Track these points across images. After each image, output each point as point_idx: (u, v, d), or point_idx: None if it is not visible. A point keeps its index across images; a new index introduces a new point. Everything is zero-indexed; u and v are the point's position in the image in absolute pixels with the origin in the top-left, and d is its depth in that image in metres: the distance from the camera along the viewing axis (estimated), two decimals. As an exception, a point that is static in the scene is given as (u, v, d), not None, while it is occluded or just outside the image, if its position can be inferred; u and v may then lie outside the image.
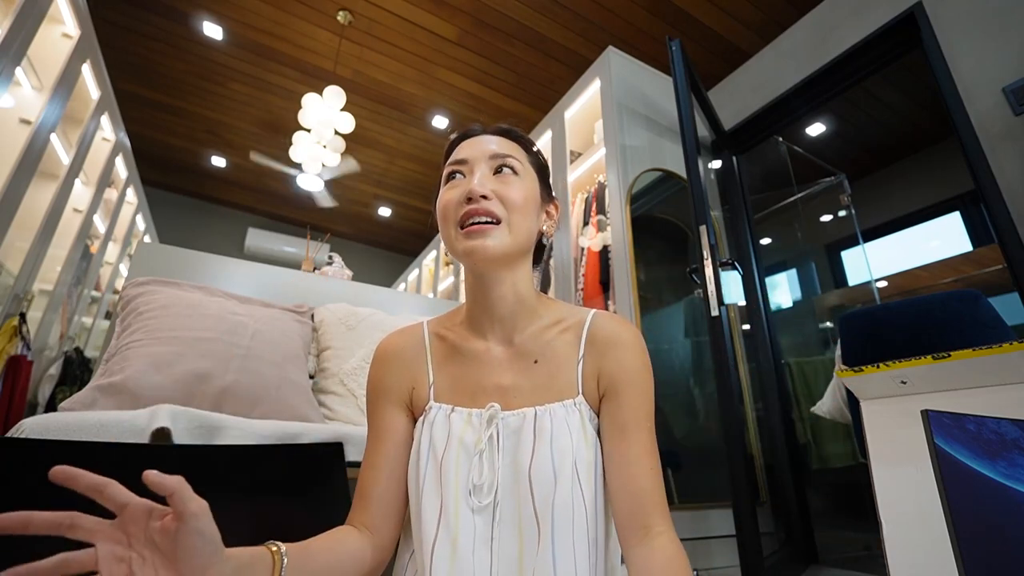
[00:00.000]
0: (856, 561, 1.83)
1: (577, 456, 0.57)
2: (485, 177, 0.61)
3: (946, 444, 0.48)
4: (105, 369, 1.02)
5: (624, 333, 0.64)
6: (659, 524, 0.53)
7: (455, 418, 0.61)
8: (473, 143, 0.65)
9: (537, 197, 0.66)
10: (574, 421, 0.59)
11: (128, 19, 3.07)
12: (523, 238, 0.62)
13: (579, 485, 0.55)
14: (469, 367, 0.64)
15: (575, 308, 0.69)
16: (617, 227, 2.01)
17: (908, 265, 2.92)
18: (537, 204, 0.66)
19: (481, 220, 0.58)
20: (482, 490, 0.56)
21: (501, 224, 0.59)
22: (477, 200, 0.59)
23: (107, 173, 3.10)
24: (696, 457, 2.08)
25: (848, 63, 2.22)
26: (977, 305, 1.19)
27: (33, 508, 0.43)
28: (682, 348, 2.23)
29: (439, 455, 0.58)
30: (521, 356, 0.64)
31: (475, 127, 0.69)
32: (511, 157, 0.64)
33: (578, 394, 0.62)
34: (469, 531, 0.54)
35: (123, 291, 1.20)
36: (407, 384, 0.65)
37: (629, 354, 0.62)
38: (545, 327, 0.65)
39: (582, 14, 2.92)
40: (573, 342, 0.64)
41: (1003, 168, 1.62)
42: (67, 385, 2.77)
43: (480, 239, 0.58)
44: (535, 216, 0.65)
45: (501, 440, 0.59)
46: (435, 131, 4.09)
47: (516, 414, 0.60)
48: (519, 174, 0.64)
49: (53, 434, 0.73)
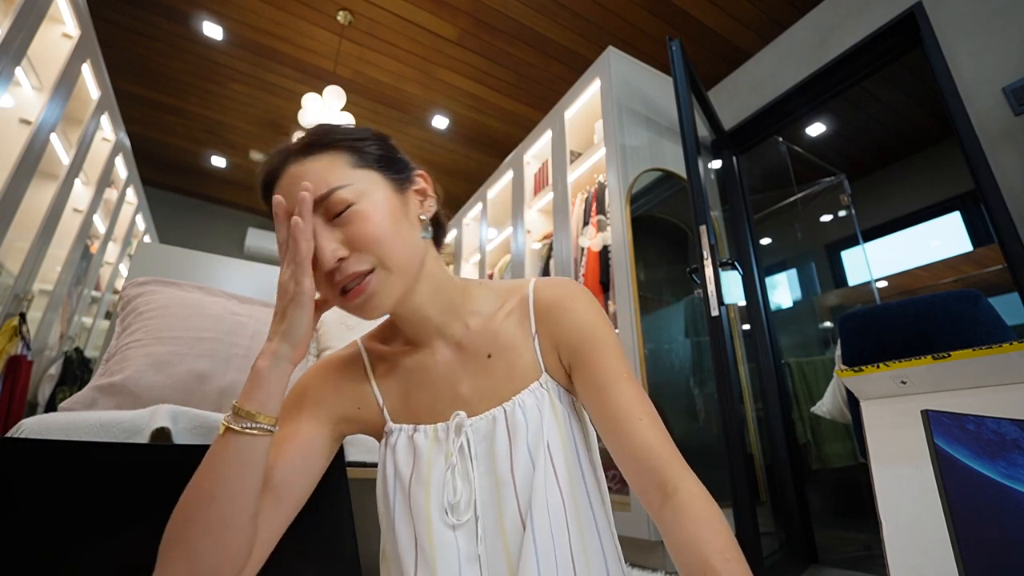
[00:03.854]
0: (856, 561, 1.83)
1: (549, 438, 0.54)
2: (324, 235, 0.50)
3: (946, 444, 0.48)
4: (105, 369, 1.02)
5: (568, 292, 0.60)
6: (672, 479, 0.48)
7: (419, 438, 0.57)
8: (287, 190, 0.51)
9: (392, 199, 0.54)
10: (545, 404, 0.55)
11: (128, 19, 3.07)
12: (405, 261, 0.53)
13: (552, 469, 0.52)
14: (420, 381, 0.59)
15: (513, 284, 0.64)
16: (617, 227, 2.01)
17: (908, 265, 2.92)
18: (398, 206, 0.55)
19: (352, 284, 0.50)
20: (459, 508, 0.52)
21: (375, 271, 0.51)
22: (336, 269, 0.50)
23: (107, 173, 3.10)
24: (696, 457, 2.08)
25: (848, 63, 2.22)
26: (977, 305, 1.19)
27: (33, 508, 0.44)
28: (682, 348, 2.23)
29: (406, 482, 0.55)
30: (472, 356, 0.59)
31: (274, 158, 0.55)
32: (336, 191, 0.50)
33: (542, 373, 0.57)
34: (451, 553, 0.50)
35: (123, 291, 1.20)
36: (347, 403, 0.59)
37: (579, 310, 0.58)
38: (488, 317, 0.60)
39: (582, 14, 2.92)
40: (522, 321, 0.59)
41: (1003, 168, 1.62)
42: (67, 385, 2.77)
43: (364, 301, 0.51)
44: (404, 222, 0.54)
45: (473, 449, 0.54)
46: (435, 131, 4.09)
47: (484, 418, 0.56)
48: (356, 199, 0.51)
49: (53, 434, 0.73)
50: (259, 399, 0.47)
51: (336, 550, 0.73)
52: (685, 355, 2.23)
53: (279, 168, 0.53)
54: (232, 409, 0.46)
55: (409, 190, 0.58)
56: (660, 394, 1.99)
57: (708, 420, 2.07)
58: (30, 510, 0.56)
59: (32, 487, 0.57)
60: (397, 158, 0.58)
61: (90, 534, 0.58)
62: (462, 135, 4.15)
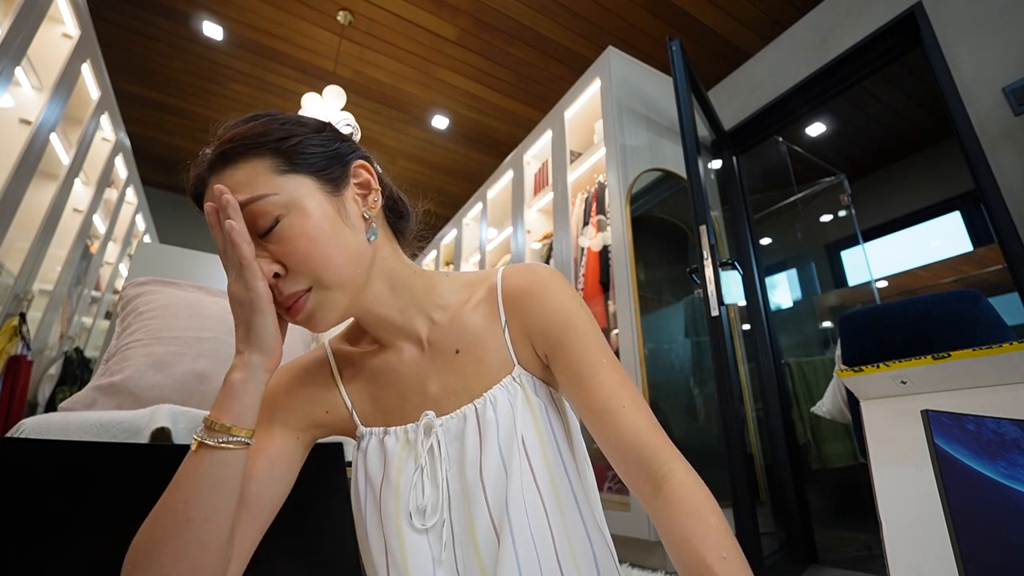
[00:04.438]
0: (856, 561, 1.83)
1: (524, 434, 0.51)
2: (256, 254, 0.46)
3: (946, 444, 0.48)
4: (105, 369, 1.02)
5: (536, 278, 0.56)
6: (662, 466, 0.46)
7: (389, 441, 0.55)
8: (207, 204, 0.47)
9: (326, 205, 0.49)
10: (519, 399, 0.53)
11: (128, 19, 3.07)
12: (346, 274, 0.49)
13: (529, 467, 0.50)
14: (388, 382, 0.57)
15: (481, 275, 0.60)
16: (617, 227, 2.01)
17: (908, 265, 2.92)
18: (332, 213, 0.49)
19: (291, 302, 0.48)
20: (427, 511, 0.50)
21: (312, 291, 0.48)
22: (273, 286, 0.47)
23: (107, 173, 3.10)
24: (696, 457, 2.08)
25: (848, 63, 2.22)
26: (977, 305, 1.19)
27: (33, 508, 0.44)
28: (682, 348, 2.23)
29: (376, 486, 0.53)
30: (439, 353, 0.56)
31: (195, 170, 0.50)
32: (255, 200, 0.46)
33: (514, 366, 0.55)
34: (423, 557, 0.49)
35: (123, 291, 1.20)
36: (315, 409, 0.57)
37: (550, 297, 0.54)
38: (455, 311, 0.57)
39: (582, 14, 2.92)
40: (490, 312, 0.56)
41: (1003, 168, 1.62)
42: (67, 385, 2.77)
43: (306, 319, 0.49)
44: (343, 229, 0.50)
45: (444, 450, 0.52)
46: (435, 131, 4.09)
47: (454, 416, 0.53)
48: (285, 212, 0.47)
49: (53, 434, 0.73)
50: (235, 412, 0.45)
51: (336, 550, 0.73)
52: (685, 355, 2.23)
53: (203, 180, 0.49)
54: (205, 424, 0.44)
55: (347, 189, 0.52)
56: (660, 394, 2.00)
57: (708, 420, 2.08)
58: (30, 510, 0.56)
59: (32, 487, 0.57)
60: (332, 152, 0.52)
61: (90, 534, 0.58)
62: (462, 135, 4.15)
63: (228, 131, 0.50)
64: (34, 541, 0.55)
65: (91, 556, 0.57)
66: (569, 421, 0.58)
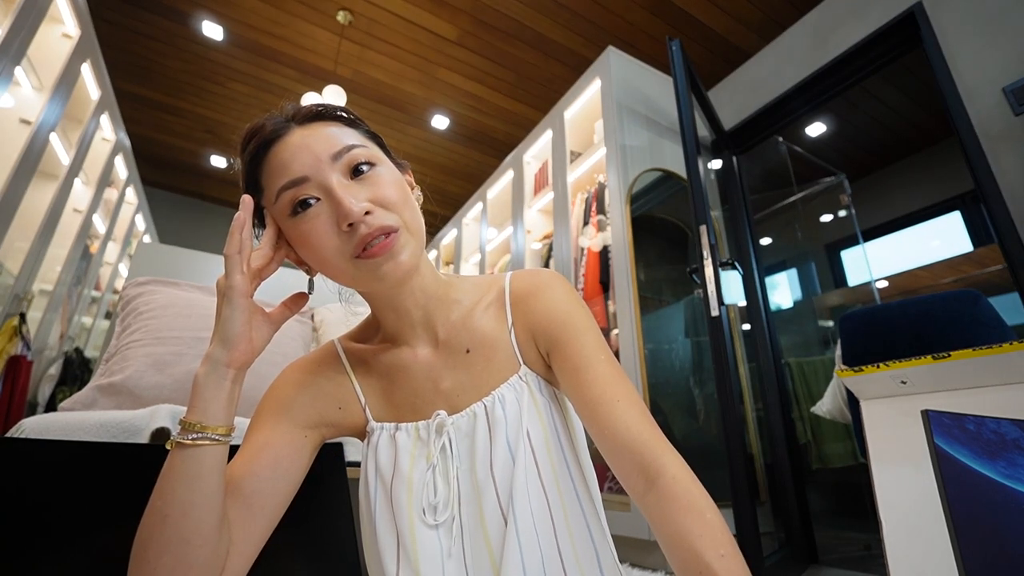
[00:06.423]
0: (856, 561, 1.83)
1: (530, 428, 0.53)
2: (348, 189, 0.48)
3: (946, 444, 0.48)
4: (105, 369, 1.02)
5: (541, 280, 0.59)
6: (654, 461, 0.46)
7: (401, 436, 0.56)
8: (297, 148, 0.50)
9: (401, 177, 0.55)
10: (524, 397, 0.55)
11: (128, 19, 3.07)
12: (421, 232, 0.54)
13: (533, 460, 0.52)
14: (401, 379, 0.58)
15: (492, 278, 0.63)
16: (617, 227, 2.01)
17: (908, 265, 2.92)
18: (406, 185, 0.55)
19: (377, 240, 0.48)
20: (438, 507, 0.52)
21: (400, 230, 0.50)
22: (361, 222, 0.48)
23: (107, 173, 3.10)
24: (696, 457, 2.08)
25: (848, 63, 2.22)
26: (977, 305, 1.19)
27: (33, 508, 0.44)
28: (682, 348, 2.23)
29: (387, 482, 0.54)
30: (451, 352, 0.58)
31: (277, 121, 0.52)
32: (357, 147, 0.51)
33: (520, 366, 0.57)
34: (434, 552, 0.50)
35: (123, 291, 1.20)
36: (327, 405, 0.58)
37: (551, 296, 0.57)
38: (467, 312, 0.60)
39: (582, 14, 2.92)
40: (498, 315, 0.59)
41: (1003, 168, 1.62)
42: (67, 385, 2.77)
43: (389, 259, 0.49)
44: (412, 199, 0.55)
45: (455, 448, 0.54)
46: (435, 131, 4.10)
47: (465, 415, 0.55)
48: (375, 163, 0.52)
49: (53, 434, 0.73)
50: (199, 408, 0.45)
51: (336, 550, 0.73)
52: (685, 355, 2.23)
53: (278, 132, 0.51)
54: (180, 424, 0.45)
55: (405, 176, 0.58)
56: (660, 394, 2.00)
57: (708, 420, 2.08)
58: (30, 510, 0.56)
59: (32, 487, 0.57)
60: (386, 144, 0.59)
61: (90, 534, 0.58)
62: (462, 135, 4.15)
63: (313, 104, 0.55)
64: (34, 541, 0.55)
65: (91, 556, 0.57)
66: (571, 420, 0.60)
